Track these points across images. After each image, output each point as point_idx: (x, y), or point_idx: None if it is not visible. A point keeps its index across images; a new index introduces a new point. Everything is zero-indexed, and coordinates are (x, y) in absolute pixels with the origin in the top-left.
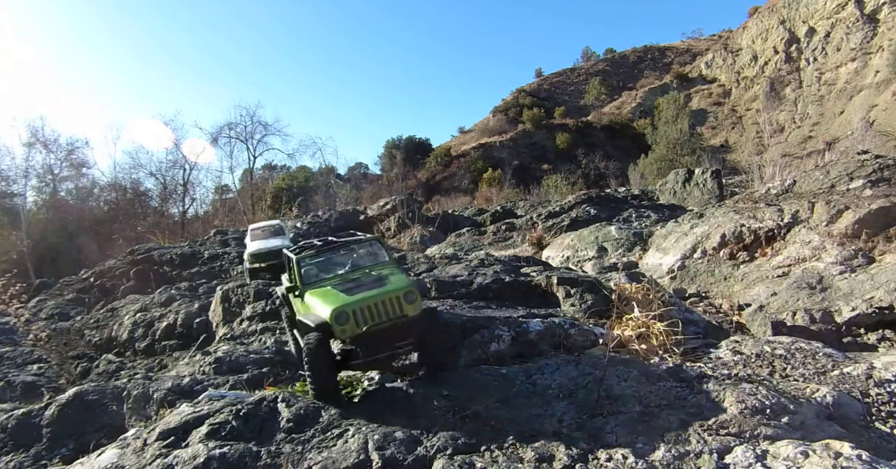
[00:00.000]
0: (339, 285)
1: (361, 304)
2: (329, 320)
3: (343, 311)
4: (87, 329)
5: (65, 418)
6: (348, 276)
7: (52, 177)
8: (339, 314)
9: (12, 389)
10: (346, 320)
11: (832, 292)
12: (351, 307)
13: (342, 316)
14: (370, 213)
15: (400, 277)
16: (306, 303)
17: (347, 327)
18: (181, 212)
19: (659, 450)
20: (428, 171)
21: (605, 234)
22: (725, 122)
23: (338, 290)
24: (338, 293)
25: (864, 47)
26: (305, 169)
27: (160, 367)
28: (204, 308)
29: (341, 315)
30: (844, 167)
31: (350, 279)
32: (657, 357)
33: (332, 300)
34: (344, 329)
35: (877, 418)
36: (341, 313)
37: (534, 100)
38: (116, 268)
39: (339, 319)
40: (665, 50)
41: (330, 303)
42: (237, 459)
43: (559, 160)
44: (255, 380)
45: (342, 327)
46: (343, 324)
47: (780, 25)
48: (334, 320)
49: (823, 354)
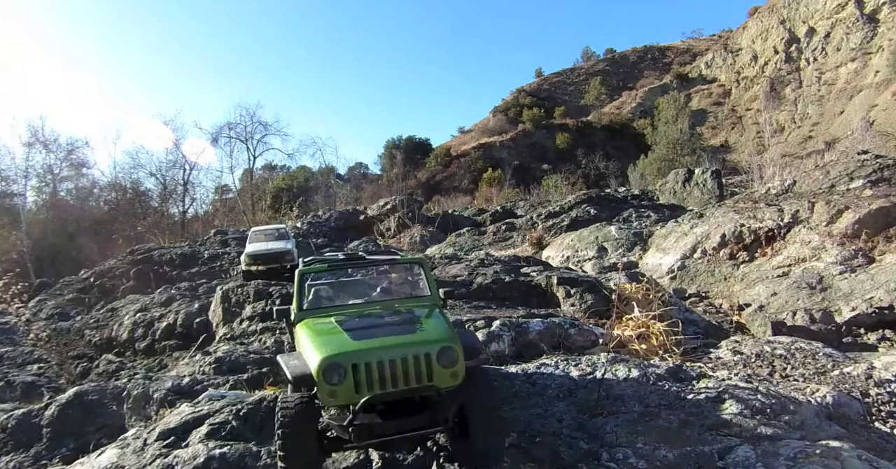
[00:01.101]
0: (348, 321)
1: (370, 356)
2: (315, 374)
3: (336, 364)
4: (87, 329)
5: (65, 418)
6: (366, 308)
7: (52, 177)
8: (331, 367)
9: (12, 389)
10: (339, 380)
11: (832, 292)
12: (352, 359)
13: (334, 371)
14: (370, 213)
15: (439, 323)
16: (297, 337)
17: (341, 391)
18: (181, 212)
19: (659, 450)
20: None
21: (605, 234)
22: (725, 122)
23: (342, 328)
24: (340, 333)
25: (864, 47)
26: (305, 169)
27: (160, 367)
28: (204, 308)
29: (333, 369)
30: (844, 167)
31: (366, 313)
32: (657, 357)
33: (328, 343)
34: (335, 392)
35: (877, 418)
36: (333, 366)
37: (534, 100)
38: (116, 268)
39: (329, 376)
40: (665, 50)
41: (323, 347)
42: (237, 459)
43: (559, 160)
44: (255, 380)
45: (332, 388)
46: (335, 384)
47: (780, 25)
48: (323, 376)
49: (823, 354)
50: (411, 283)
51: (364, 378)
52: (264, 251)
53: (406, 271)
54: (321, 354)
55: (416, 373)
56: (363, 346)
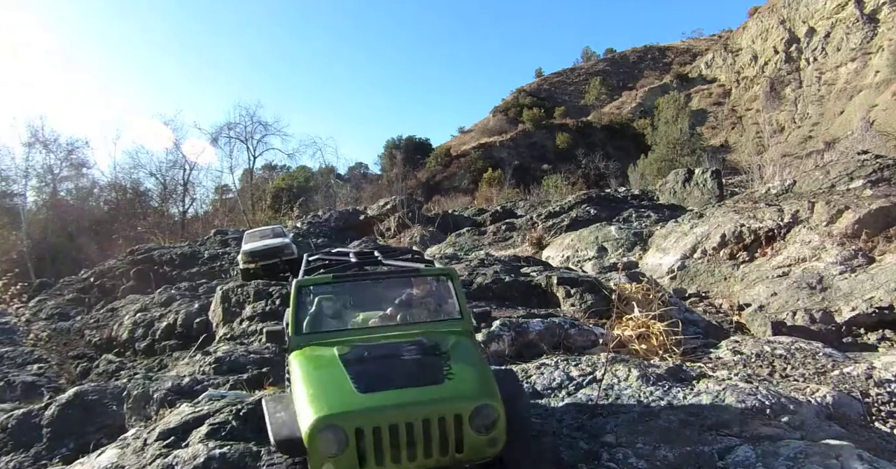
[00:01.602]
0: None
1: (380, 416)
2: (307, 440)
3: (335, 428)
4: (87, 329)
5: (65, 418)
6: (379, 333)
7: (52, 177)
8: (328, 431)
9: (12, 389)
10: (338, 449)
11: (832, 292)
12: (356, 421)
13: (333, 437)
14: (370, 213)
15: (474, 366)
16: (291, 373)
17: (342, 461)
18: (181, 212)
19: (659, 450)
20: (428, 171)
21: (605, 234)
22: (725, 122)
23: (347, 370)
24: (343, 378)
25: (864, 47)
26: (305, 169)
27: (160, 367)
28: (204, 308)
29: (331, 435)
30: (844, 167)
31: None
32: (657, 357)
33: (326, 394)
34: (333, 465)
35: (877, 418)
36: (331, 430)
37: (534, 100)
38: (116, 268)
39: (325, 444)
40: (665, 50)
41: (319, 400)
42: (237, 459)
43: (559, 160)
44: (255, 380)
45: (332, 460)
46: (332, 455)
47: (780, 25)
48: (317, 443)
49: (823, 354)
50: (437, 298)
51: (371, 448)
52: (262, 247)
53: (434, 286)
54: (316, 413)
55: (440, 443)
56: (372, 402)
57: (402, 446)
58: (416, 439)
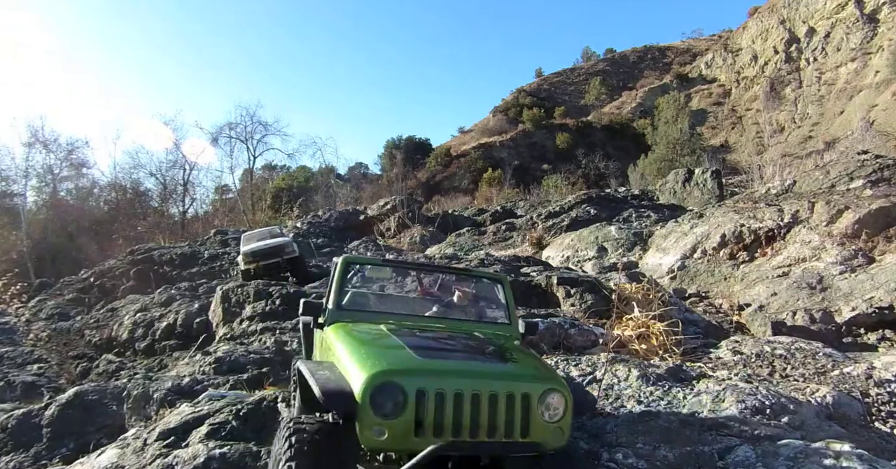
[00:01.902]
0: (405, 333)
1: (445, 381)
2: (360, 396)
3: (395, 386)
4: (87, 329)
5: (65, 418)
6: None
7: (52, 177)
8: (386, 388)
9: (12, 389)
10: (395, 410)
11: (832, 292)
12: (419, 381)
13: (390, 396)
14: (370, 213)
15: (535, 359)
16: (328, 345)
17: (394, 429)
18: (181, 212)
19: (659, 450)
20: (428, 171)
21: (605, 234)
22: (725, 122)
23: (401, 341)
24: (399, 345)
25: (864, 47)
26: (305, 169)
27: (160, 367)
28: (204, 308)
29: (389, 393)
30: (844, 167)
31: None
32: (657, 357)
33: (383, 355)
34: (385, 429)
35: (877, 418)
36: (390, 388)
37: (534, 100)
38: (116, 268)
39: (381, 401)
40: (665, 50)
41: (376, 358)
42: (237, 459)
43: (559, 160)
44: (255, 380)
45: (383, 424)
46: (388, 415)
47: (780, 25)
48: (371, 400)
49: (823, 354)
50: (485, 303)
51: (432, 416)
52: (262, 247)
53: (484, 289)
54: (374, 367)
55: (507, 419)
56: (437, 365)
57: (466, 419)
58: (482, 413)
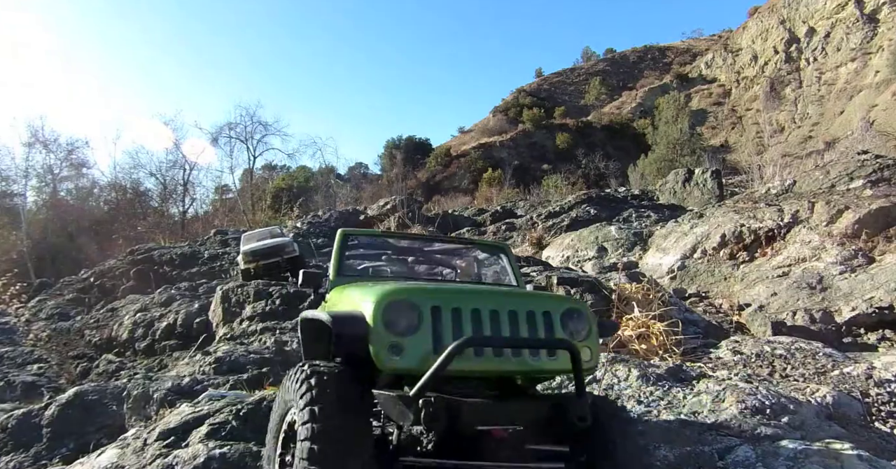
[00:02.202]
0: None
1: (460, 299)
2: (372, 317)
3: (408, 303)
4: (87, 329)
5: (65, 418)
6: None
7: (52, 177)
8: (398, 305)
9: (12, 389)
10: (411, 326)
11: (832, 292)
12: (432, 299)
13: (404, 312)
14: (370, 213)
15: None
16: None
17: (410, 346)
18: (181, 212)
19: (660, 450)
20: (428, 171)
21: (605, 234)
22: (725, 122)
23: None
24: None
25: (864, 47)
26: (305, 169)
27: (160, 367)
28: (204, 308)
29: (402, 309)
30: (844, 167)
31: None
32: (657, 357)
33: (388, 286)
34: (401, 347)
35: (877, 418)
36: (402, 305)
37: (534, 100)
38: (116, 268)
39: (394, 318)
40: (665, 50)
41: (384, 287)
42: (237, 459)
43: (559, 160)
44: (255, 380)
45: (398, 341)
46: (402, 332)
47: (780, 25)
48: (383, 318)
49: (823, 354)
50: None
51: (451, 331)
52: (262, 246)
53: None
54: (384, 290)
55: (531, 337)
56: (450, 287)
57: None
58: (503, 331)
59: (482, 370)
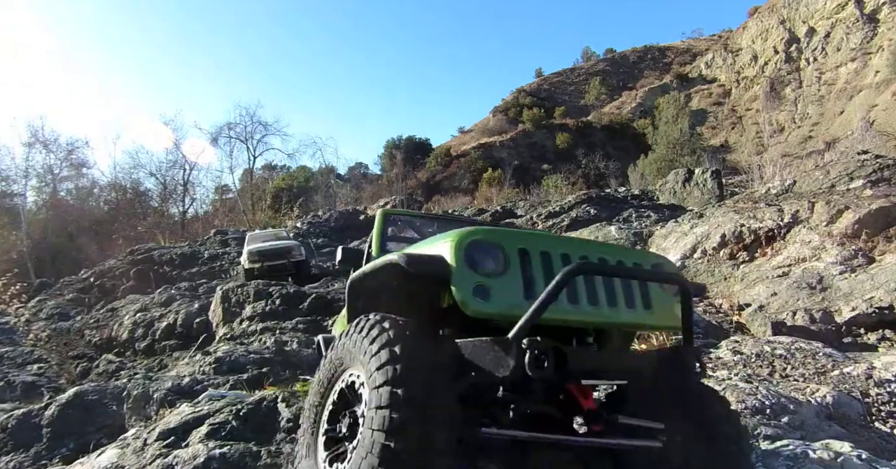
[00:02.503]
0: None
1: (548, 243)
2: (453, 256)
3: (492, 244)
4: (87, 329)
5: (65, 418)
6: None
7: (52, 177)
8: (481, 244)
9: (12, 389)
10: (499, 268)
11: (832, 292)
12: (519, 241)
13: (488, 252)
14: (370, 213)
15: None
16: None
17: (503, 284)
18: (181, 212)
19: None
20: (428, 171)
21: (605, 234)
22: (725, 122)
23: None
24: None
25: (864, 47)
26: (305, 169)
27: (160, 367)
28: (204, 308)
29: (487, 250)
30: (844, 167)
31: None
32: None
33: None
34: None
35: (877, 418)
36: (486, 245)
37: (534, 100)
38: (116, 268)
39: (478, 258)
40: (665, 50)
41: (459, 230)
42: (237, 459)
43: (559, 160)
44: (255, 380)
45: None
46: (489, 274)
47: (780, 25)
48: (466, 258)
49: (823, 354)
50: None
51: (542, 276)
52: (269, 247)
53: None
54: (462, 231)
55: (624, 286)
56: (534, 232)
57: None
58: (595, 283)
59: (576, 320)
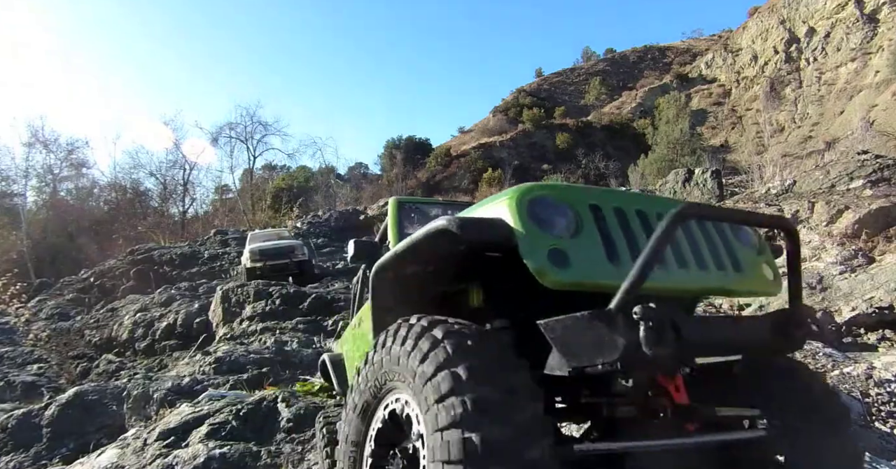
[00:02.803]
0: None
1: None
2: (515, 216)
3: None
4: (87, 329)
5: (65, 418)
6: None
7: (52, 177)
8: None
9: (12, 389)
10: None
11: (832, 292)
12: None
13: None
14: (370, 213)
15: None
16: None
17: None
18: (181, 212)
19: None
20: (428, 171)
21: None
22: (725, 122)
23: None
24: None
25: (864, 47)
26: (305, 169)
27: (160, 367)
28: (204, 308)
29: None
30: (844, 167)
31: None
32: None
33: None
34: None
35: (877, 418)
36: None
37: (534, 100)
38: (116, 268)
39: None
40: (665, 50)
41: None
42: (237, 459)
43: (559, 160)
44: (255, 380)
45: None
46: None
47: (780, 25)
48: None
49: (823, 354)
50: None
51: (621, 234)
52: (272, 246)
53: None
54: (520, 187)
55: (709, 246)
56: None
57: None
58: (679, 241)
59: (668, 288)
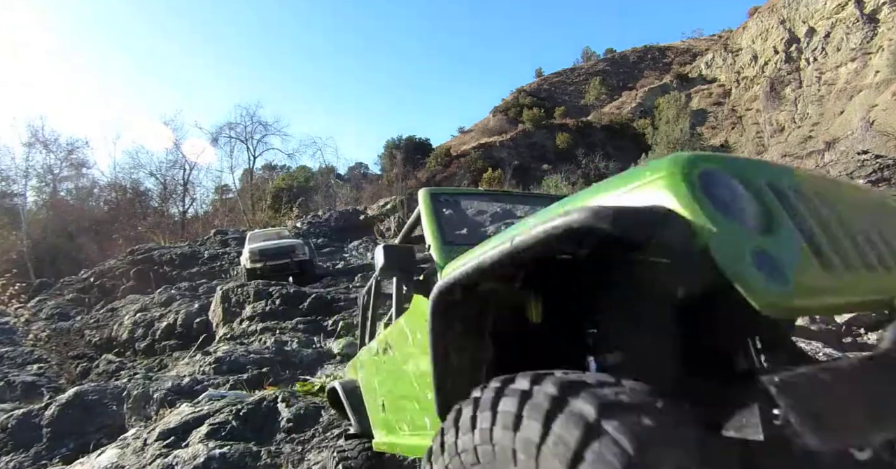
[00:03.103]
0: None
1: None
2: (689, 203)
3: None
4: (87, 329)
5: (65, 418)
6: None
7: (52, 177)
8: (718, 180)
9: (12, 389)
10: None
11: None
12: (763, 175)
13: (727, 190)
14: (370, 213)
15: None
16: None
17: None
18: (181, 212)
19: None
20: (428, 171)
21: None
22: (725, 122)
23: None
24: None
25: (864, 47)
26: (305, 169)
27: (160, 367)
28: (204, 308)
29: (729, 187)
30: (844, 167)
31: None
32: None
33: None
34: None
35: None
36: (726, 181)
37: (534, 100)
38: (116, 268)
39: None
40: (665, 50)
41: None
42: (237, 459)
43: (559, 160)
44: (255, 380)
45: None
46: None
47: (780, 25)
48: (706, 196)
49: (823, 354)
50: None
51: (816, 225)
52: (273, 246)
53: None
54: (677, 160)
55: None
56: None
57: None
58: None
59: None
